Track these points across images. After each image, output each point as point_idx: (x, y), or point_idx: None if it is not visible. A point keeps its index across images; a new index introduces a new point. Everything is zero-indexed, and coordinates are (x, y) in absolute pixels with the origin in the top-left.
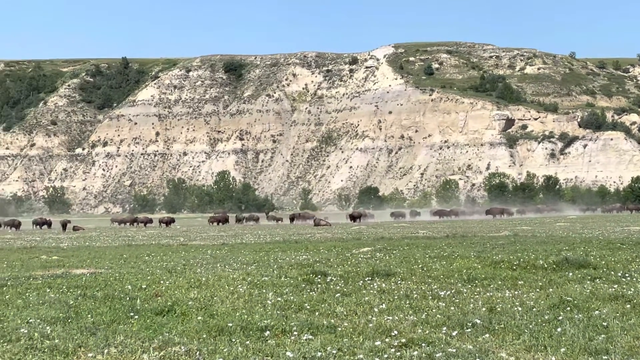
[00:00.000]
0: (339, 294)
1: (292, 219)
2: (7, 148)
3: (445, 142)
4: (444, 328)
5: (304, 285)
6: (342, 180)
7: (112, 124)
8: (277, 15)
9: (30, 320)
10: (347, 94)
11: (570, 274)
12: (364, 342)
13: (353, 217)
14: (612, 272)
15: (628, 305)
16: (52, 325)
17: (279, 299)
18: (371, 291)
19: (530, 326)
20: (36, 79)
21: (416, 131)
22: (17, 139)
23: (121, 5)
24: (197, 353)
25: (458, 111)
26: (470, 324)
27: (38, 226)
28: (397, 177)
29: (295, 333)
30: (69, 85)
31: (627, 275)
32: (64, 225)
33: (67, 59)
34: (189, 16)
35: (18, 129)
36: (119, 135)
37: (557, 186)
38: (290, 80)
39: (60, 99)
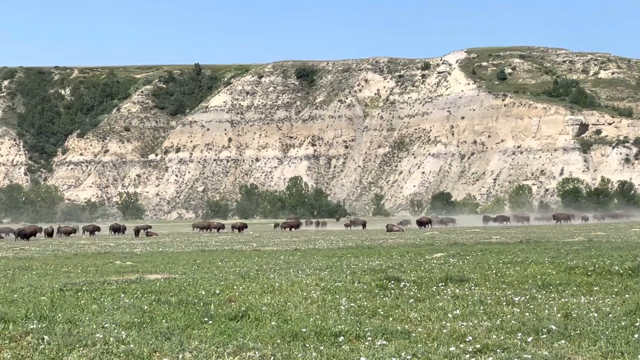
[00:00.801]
0: (412, 300)
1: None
2: (81, 154)
3: (518, 147)
4: (519, 334)
5: (377, 291)
6: (414, 186)
7: (185, 130)
8: (349, 21)
9: (106, 325)
10: (419, 99)
11: None
12: (438, 348)
13: (421, 223)
14: None
15: None
16: (127, 330)
17: (353, 304)
18: (445, 297)
19: (607, 332)
20: (110, 86)
21: (489, 136)
22: (91, 145)
23: (194, 12)
24: (272, 358)
25: (531, 116)
26: (545, 330)
27: (114, 232)
28: (469, 182)
29: (369, 338)
30: (142, 92)
31: None
32: (137, 231)
33: (140, 66)
34: (261, 22)
35: (92, 135)
36: (191, 142)
37: (632, 191)
38: (362, 86)
39: (134, 105)
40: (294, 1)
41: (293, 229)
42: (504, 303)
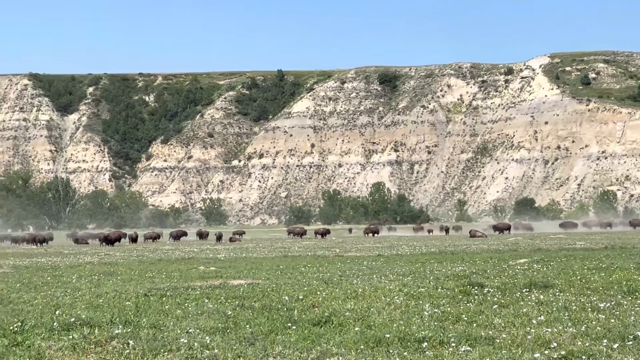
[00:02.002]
0: (496, 306)
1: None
2: (165, 160)
3: (603, 152)
4: (605, 340)
5: (460, 297)
6: (497, 192)
7: (268, 136)
8: (432, 26)
9: (190, 330)
10: (502, 104)
11: None
12: (522, 354)
13: (498, 229)
14: None
15: None
16: (211, 335)
17: (436, 310)
18: (529, 303)
19: None
20: (193, 92)
21: (573, 142)
22: (174, 151)
23: (277, 18)
24: None
25: (615, 121)
26: (631, 337)
27: (202, 238)
28: (553, 188)
29: (453, 344)
30: (225, 98)
31: None
32: (219, 237)
33: (224, 72)
34: (344, 28)
35: (175, 141)
36: (274, 147)
37: None
38: (445, 91)
39: (217, 111)
40: (377, 7)
41: (375, 235)
42: (589, 309)
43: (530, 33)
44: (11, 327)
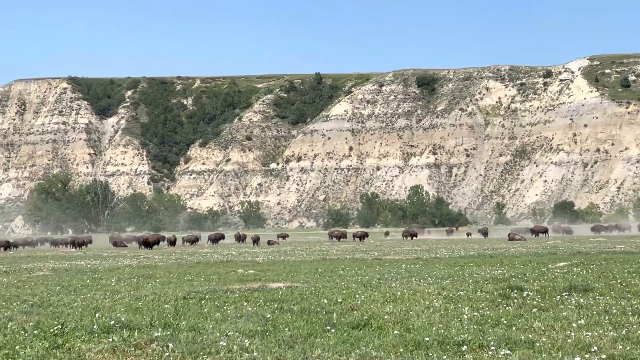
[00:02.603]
0: (535, 309)
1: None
2: (203, 163)
3: None
4: None
5: (500, 300)
6: (536, 195)
7: (306, 139)
8: (470, 29)
9: (229, 333)
10: (541, 107)
11: None
12: (563, 358)
13: (535, 232)
14: None
15: None
16: (251, 338)
17: (475, 313)
18: (569, 306)
19: None
20: (231, 95)
21: (612, 144)
22: (213, 154)
23: (314, 21)
24: None
25: None
26: None
27: (240, 241)
28: (592, 191)
29: (493, 348)
30: (263, 101)
31: None
32: (256, 240)
33: (262, 75)
34: (382, 31)
35: (214, 144)
36: (312, 150)
37: None
38: (484, 94)
39: (255, 114)
40: (414, 10)
41: (413, 238)
42: (630, 313)
43: (569, 35)
44: (51, 330)
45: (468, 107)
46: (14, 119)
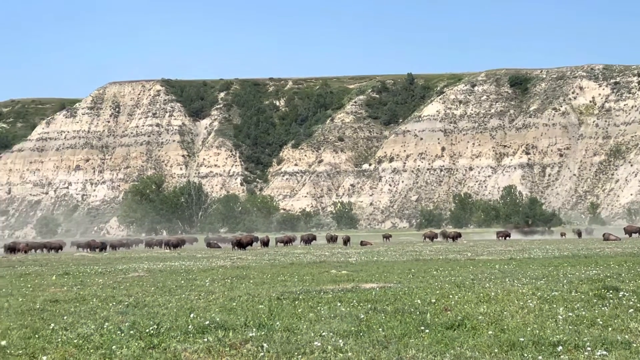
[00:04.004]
0: (632, 310)
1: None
2: (295, 164)
3: None
4: None
5: (595, 301)
6: (631, 194)
7: (398, 140)
8: (563, 28)
9: (323, 334)
10: (635, 106)
11: None
12: None
13: (628, 232)
14: None
15: None
16: (345, 338)
17: (570, 314)
18: None
19: None
20: (323, 96)
21: None
22: (305, 155)
23: (406, 22)
24: None
25: None
26: None
27: (332, 242)
28: None
29: (589, 349)
30: (355, 102)
31: None
32: (346, 240)
33: (354, 76)
34: (474, 30)
35: (306, 145)
36: (405, 151)
37: None
38: (577, 94)
39: (347, 115)
40: (507, 10)
41: (508, 238)
42: None
43: None
44: (147, 330)
45: (561, 106)
46: (109, 121)
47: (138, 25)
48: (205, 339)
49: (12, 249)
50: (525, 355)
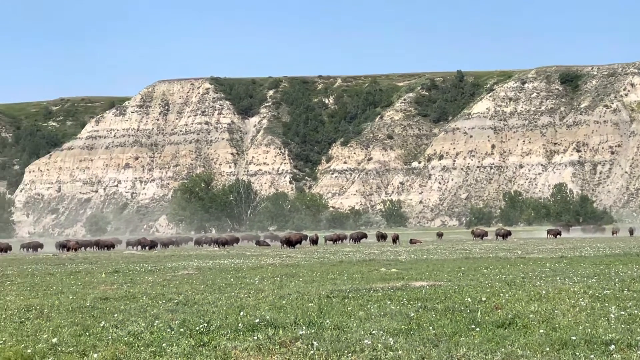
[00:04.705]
0: None
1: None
2: (344, 162)
3: None
4: None
5: None
6: None
7: (448, 137)
8: (615, 24)
9: (373, 332)
10: None
11: None
12: None
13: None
14: None
15: None
16: (395, 336)
17: (623, 312)
18: None
19: None
20: (372, 94)
21: None
22: (354, 153)
23: (454, 19)
24: None
25: None
26: None
27: (382, 239)
28: None
29: None
30: (404, 100)
31: None
32: (395, 238)
33: (403, 74)
34: (524, 27)
35: (355, 143)
36: (454, 149)
37: None
38: (629, 90)
39: (396, 113)
40: (557, 6)
41: (558, 236)
42: None
43: None
44: (197, 328)
45: (612, 103)
46: (158, 120)
47: (187, 24)
48: (255, 337)
49: (63, 246)
50: (577, 354)
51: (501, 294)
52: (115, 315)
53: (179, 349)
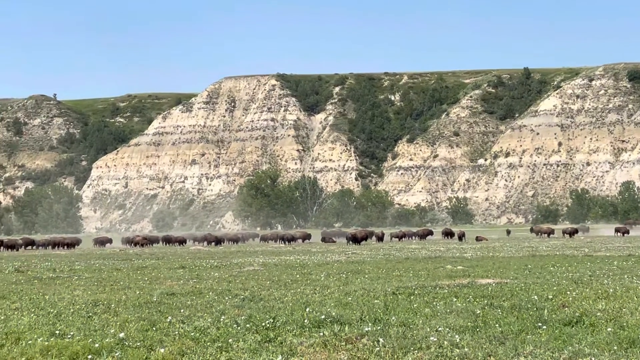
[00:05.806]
0: None
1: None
2: (410, 159)
3: None
4: None
5: None
6: None
7: (514, 135)
8: None
9: (439, 329)
10: None
11: None
12: None
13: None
14: None
15: None
16: (461, 333)
17: None
18: None
19: None
20: (438, 91)
21: None
22: (420, 150)
23: (521, 16)
24: None
25: None
26: None
27: (448, 236)
28: None
29: None
30: (470, 97)
31: None
32: (461, 236)
33: (469, 71)
34: (591, 24)
35: (421, 140)
36: (520, 146)
37: None
38: None
39: (462, 110)
40: (624, 3)
41: (625, 234)
42: None
43: None
44: (263, 324)
45: None
46: (224, 116)
47: (253, 20)
48: (321, 333)
49: (130, 241)
50: None
51: (568, 292)
52: (182, 310)
53: (245, 345)
